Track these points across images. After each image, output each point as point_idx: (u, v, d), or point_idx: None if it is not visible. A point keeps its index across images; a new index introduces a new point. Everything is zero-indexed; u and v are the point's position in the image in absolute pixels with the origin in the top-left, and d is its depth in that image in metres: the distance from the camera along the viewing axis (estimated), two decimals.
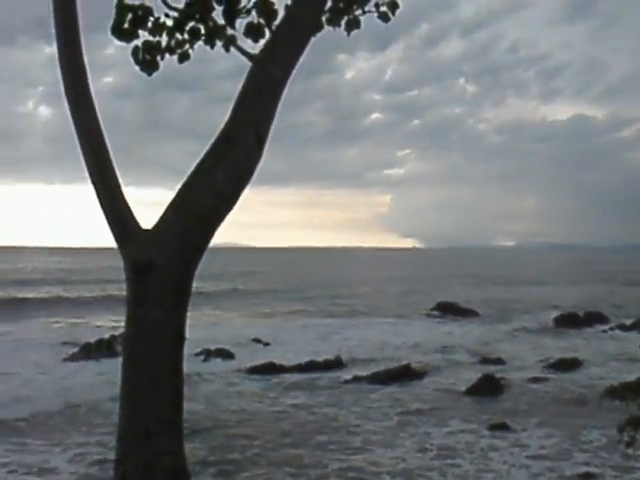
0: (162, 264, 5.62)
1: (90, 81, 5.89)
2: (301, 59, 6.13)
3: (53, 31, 5.94)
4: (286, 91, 6.07)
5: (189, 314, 5.81)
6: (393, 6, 6.75)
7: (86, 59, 6.00)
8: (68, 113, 5.90)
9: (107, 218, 5.83)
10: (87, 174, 5.85)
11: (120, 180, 5.89)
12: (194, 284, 5.85)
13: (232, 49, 6.60)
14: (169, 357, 5.76)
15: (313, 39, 6.30)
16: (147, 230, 5.77)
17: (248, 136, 5.82)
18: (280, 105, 6.04)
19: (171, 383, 5.78)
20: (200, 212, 5.76)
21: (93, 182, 5.85)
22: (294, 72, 6.08)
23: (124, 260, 5.79)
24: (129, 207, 5.85)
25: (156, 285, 5.64)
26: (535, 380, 17.82)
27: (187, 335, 5.79)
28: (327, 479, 10.79)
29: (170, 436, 5.75)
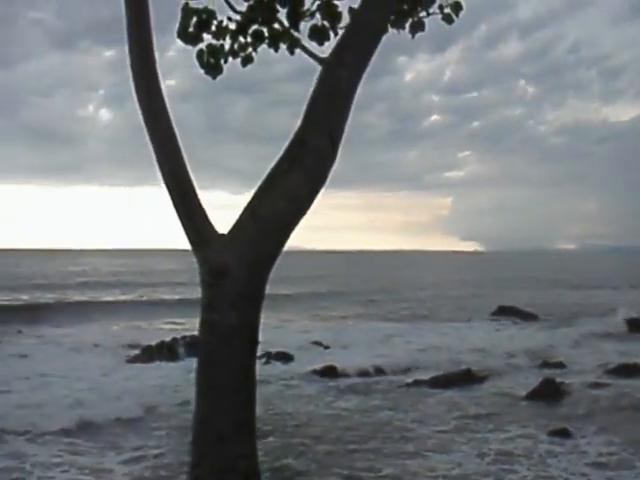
0: (238, 268, 5.64)
1: (163, 86, 5.93)
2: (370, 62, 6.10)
3: (125, 37, 5.97)
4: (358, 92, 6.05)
5: None
6: (457, 8, 6.72)
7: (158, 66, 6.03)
8: (141, 118, 5.93)
9: (182, 222, 5.87)
10: (161, 178, 5.89)
11: (195, 184, 5.91)
12: None
13: (299, 52, 6.66)
14: (243, 361, 5.78)
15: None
16: (223, 234, 5.78)
17: (322, 140, 5.81)
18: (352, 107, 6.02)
19: (244, 387, 5.80)
20: (275, 216, 5.77)
21: (167, 186, 5.88)
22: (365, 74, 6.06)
23: (199, 264, 5.81)
24: (204, 211, 5.88)
25: (231, 289, 5.66)
26: (596, 385, 17.47)
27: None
28: None
29: (244, 440, 5.78)
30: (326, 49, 6.23)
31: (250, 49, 6.57)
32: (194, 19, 6.39)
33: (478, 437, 13.04)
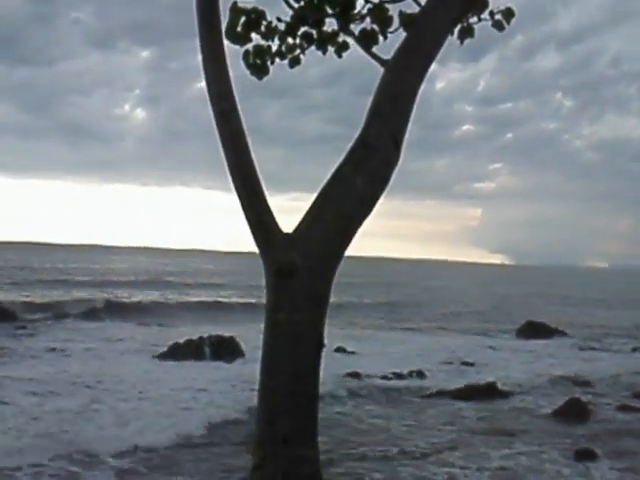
0: (304, 269, 5.66)
1: (234, 88, 5.97)
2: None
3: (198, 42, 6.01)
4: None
5: None
6: (508, 14, 6.67)
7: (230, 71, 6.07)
8: (213, 121, 5.97)
9: (249, 222, 5.90)
10: (230, 180, 5.93)
11: (263, 186, 5.94)
12: None
13: (328, 55, 6.70)
14: (308, 363, 5.79)
15: None
16: (288, 235, 5.81)
17: (385, 142, 5.85)
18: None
19: (309, 390, 5.80)
20: (340, 218, 5.80)
21: (235, 186, 5.92)
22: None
23: (265, 265, 5.84)
24: (271, 212, 5.91)
25: (298, 290, 5.69)
26: (624, 408, 17.26)
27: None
28: None
29: (307, 443, 5.78)
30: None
31: (298, 51, 6.59)
32: (242, 19, 6.41)
33: (497, 453, 12.96)
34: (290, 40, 6.57)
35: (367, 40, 6.33)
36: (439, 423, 15.19)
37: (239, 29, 6.39)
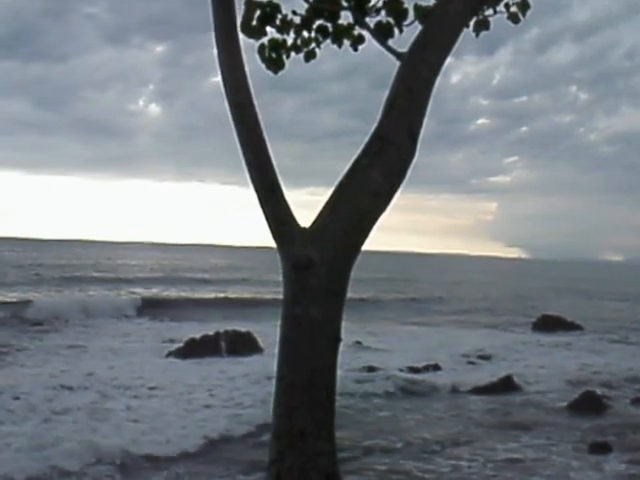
0: (321, 263, 5.65)
1: (250, 83, 5.94)
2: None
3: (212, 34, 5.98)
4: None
5: None
6: (524, 6, 6.61)
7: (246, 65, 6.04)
8: (229, 115, 5.95)
9: (266, 216, 5.90)
10: (247, 174, 5.92)
11: (280, 180, 5.93)
12: None
13: (344, 49, 6.66)
14: (325, 357, 5.78)
15: None
16: (305, 229, 5.80)
17: (402, 135, 5.81)
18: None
19: (326, 383, 5.79)
20: (356, 212, 5.78)
21: (252, 180, 5.91)
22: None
23: (282, 259, 5.84)
24: (288, 207, 5.89)
25: (315, 284, 5.67)
26: (638, 402, 17.16)
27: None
28: None
29: (324, 437, 5.77)
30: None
31: (313, 44, 6.56)
32: (257, 12, 6.38)
33: (500, 445, 12.94)
34: (305, 34, 6.53)
35: (383, 33, 6.28)
36: (450, 416, 15.25)
37: (254, 23, 6.36)
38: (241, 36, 6.10)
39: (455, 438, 13.34)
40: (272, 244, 6.04)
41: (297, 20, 6.49)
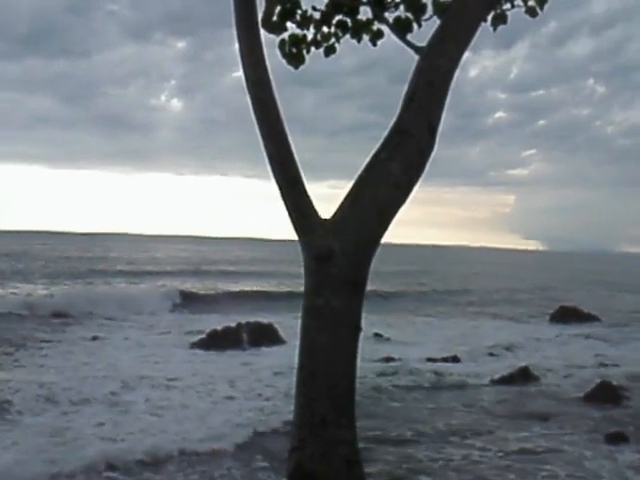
0: (341, 255, 5.68)
1: (271, 78, 5.96)
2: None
3: (234, 31, 5.99)
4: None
5: None
6: (541, 0, 6.58)
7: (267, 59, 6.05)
8: (250, 109, 5.98)
9: (288, 208, 5.93)
10: (269, 168, 5.95)
11: (301, 173, 5.95)
12: None
13: (364, 43, 6.67)
14: (346, 346, 5.81)
15: None
16: (326, 221, 5.82)
17: (421, 128, 5.83)
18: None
19: (346, 373, 5.82)
20: (376, 204, 5.80)
21: (274, 173, 5.94)
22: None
23: (304, 250, 5.87)
24: (310, 200, 5.93)
25: (335, 275, 5.71)
26: None
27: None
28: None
29: (345, 425, 5.80)
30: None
31: (333, 39, 6.58)
32: (278, 8, 6.40)
33: (513, 435, 12.90)
34: (325, 29, 6.55)
35: (401, 28, 6.28)
36: (464, 407, 15.21)
37: (275, 19, 6.39)
38: (262, 32, 6.12)
39: (468, 428, 13.31)
40: (293, 236, 6.07)
41: (317, 15, 6.51)
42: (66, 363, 18.49)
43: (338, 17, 6.51)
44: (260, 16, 6.20)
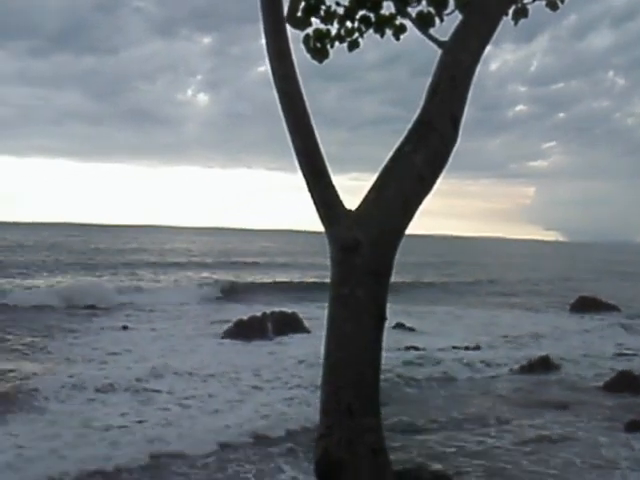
0: (366, 245, 5.69)
1: (298, 72, 5.97)
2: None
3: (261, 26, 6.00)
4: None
5: None
6: None
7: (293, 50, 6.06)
8: (277, 102, 6.00)
9: (314, 200, 5.95)
10: (296, 160, 5.97)
11: (327, 165, 5.97)
12: None
13: (387, 38, 6.65)
14: (371, 335, 5.82)
15: None
16: (352, 212, 5.85)
17: (444, 121, 5.83)
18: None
19: (372, 361, 5.83)
20: (401, 195, 5.81)
21: (300, 165, 5.96)
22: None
23: (330, 241, 5.90)
24: (336, 192, 5.95)
25: (361, 265, 5.72)
26: None
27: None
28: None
29: (370, 413, 5.81)
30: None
31: (357, 34, 6.58)
32: (302, 4, 6.40)
33: (530, 422, 12.92)
34: (349, 24, 6.55)
35: (424, 22, 6.27)
36: (484, 394, 15.23)
37: (299, 14, 6.40)
38: (287, 27, 6.13)
39: (485, 416, 13.34)
40: (318, 228, 6.09)
41: (341, 11, 6.51)
42: (93, 352, 18.70)
43: (361, 12, 6.50)
44: (285, 12, 6.21)
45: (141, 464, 10.07)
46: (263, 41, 5.88)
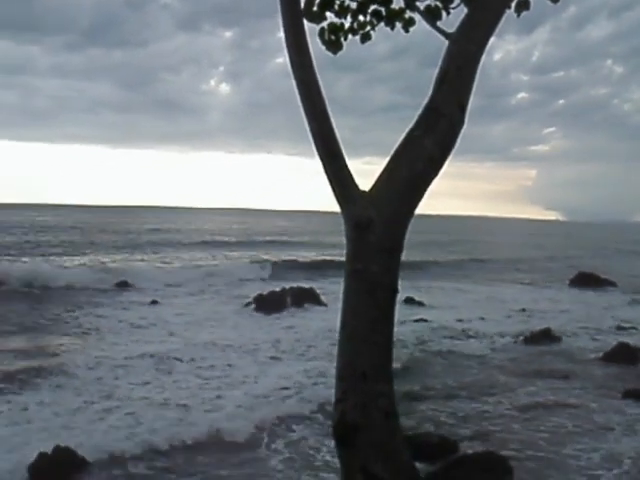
0: (379, 223, 5.77)
1: (314, 60, 6.01)
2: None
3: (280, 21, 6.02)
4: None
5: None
6: None
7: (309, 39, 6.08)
8: (295, 90, 6.05)
9: (330, 181, 6.04)
10: (313, 144, 6.02)
11: (342, 149, 6.03)
12: None
13: (397, 31, 6.67)
14: (383, 307, 5.91)
15: None
16: (365, 192, 5.92)
17: (452, 107, 5.90)
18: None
19: (384, 331, 5.92)
20: (412, 176, 5.89)
21: (317, 148, 6.02)
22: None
23: (345, 220, 6.00)
24: (350, 173, 6.03)
25: (374, 242, 5.81)
26: None
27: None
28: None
29: (383, 379, 5.92)
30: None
31: (369, 27, 6.61)
32: None
33: (525, 390, 12.93)
34: (361, 17, 6.58)
35: (432, 15, 6.31)
36: (481, 364, 15.25)
37: (315, 9, 6.43)
38: (304, 20, 6.16)
39: (485, 384, 13.39)
40: (331, 208, 6.16)
41: (354, 5, 6.55)
42: (118, 324, 18.95)
43: (373, 6, 6.54)
44: (302, 6, 6.24)
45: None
46: (281, 34, 5.92)
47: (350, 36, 6.65)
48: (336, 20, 6.60)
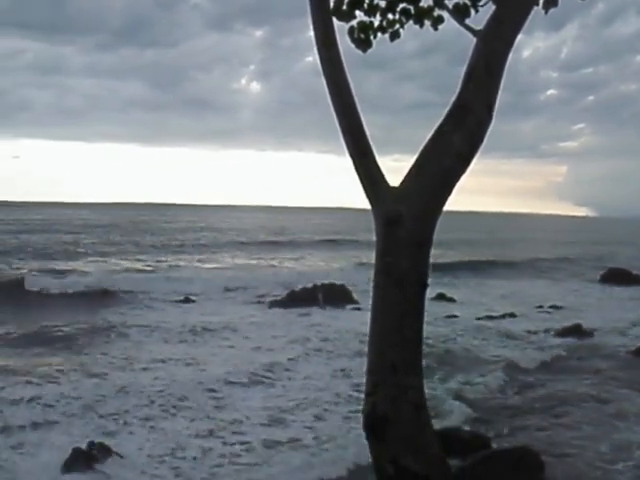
0: (408, 219, 5.78)
1: (343, 58, 6.03)
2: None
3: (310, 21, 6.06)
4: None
5: None
6: None
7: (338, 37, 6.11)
8: (325, 89, 6.08)
9: (360, 178, 6.07)
10: (343, 141, 6.06)
11: (372, 146, 6.04)
12: None
13: (425, 28, 6.65)
14: (413, 301, 5.92)
15: None
16: (395, 188, 5.92)
17: (480, 104, 5.89)
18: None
19: (414, 326, 5.93)
20: (440, 172, 5.90)
21: (348, 148, 6.06)
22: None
23: (375, 216, 6.01)
24: (380, 170, 6.04)
25: (404, 237, 5.83)
26: None
27: None
28: None
29: (413, 372, 5.93)
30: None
31: (398, 25, 6.59)
32: None
33: (572, 379, 12.94)
34: (390, 16, 6.57)
35: (460, 13, 6.28)
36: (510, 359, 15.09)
37: (344, 7, 6.43)
38: (333, 19, 6.17)
39: (513, 378, 13.25)
40: (361, 205, 6.16)
41: (382, 4, 6.53)
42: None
43: (402, 5, 6.52)
44: (331, 5, 6.26)
45: None
46: (312, 33, 5.94)
47: (379, 34, 6.64)
48: (365, 18, 6.59)
